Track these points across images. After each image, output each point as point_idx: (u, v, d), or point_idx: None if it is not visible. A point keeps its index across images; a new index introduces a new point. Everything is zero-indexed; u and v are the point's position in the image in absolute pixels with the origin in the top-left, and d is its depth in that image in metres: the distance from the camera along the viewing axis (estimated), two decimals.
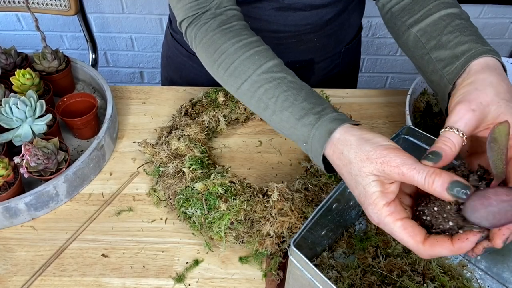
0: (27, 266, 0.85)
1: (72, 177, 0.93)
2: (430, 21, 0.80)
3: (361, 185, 0.61)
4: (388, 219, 0.58)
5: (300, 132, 0.71)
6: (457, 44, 0.74)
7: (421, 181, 0.55)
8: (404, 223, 0.57)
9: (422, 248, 0.56)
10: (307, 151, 0.71)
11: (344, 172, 0.64)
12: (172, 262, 0.86)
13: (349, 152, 0.63)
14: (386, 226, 0.58)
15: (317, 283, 0.62)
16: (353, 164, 0.62)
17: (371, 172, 0.60)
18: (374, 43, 2.36)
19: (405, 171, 0.57)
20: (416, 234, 0.57)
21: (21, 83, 1.03)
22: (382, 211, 0.58)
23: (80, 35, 2.36)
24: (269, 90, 0.75)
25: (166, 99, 1.17)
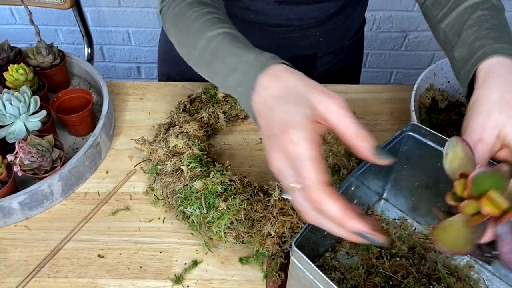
0: (21, 267, 0.85)
1: (67, 175, 0.93)
2: (456, 14, 0.80)
3: (293, 103, 0.59)
4: (308, 144, 0.55)
5: (238, 72, 0.69)
6: (474, 40, 0.73)
7: (353, 131, 0.56)
8: (318, 156, 0.55)
9: (322, 188, 0.54)
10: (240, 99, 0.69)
11: (276, 90, 0.62)
12: (170, 263, 0.86)
13: (293, 77, 0.62)
14: (300, 147, 0.55)
15: (319, 285, 0.62)
16: (296, 86, 0.61)
17: (311, 99, 0.58)
18: (378, 38, 2.36)
19: (346, 115, 0.57)
20: (324, 172, 0.55)
21: (14, 78, 1.02)
22: (308, 133, 0.56)
23: (75, 29, 2.36)
24: (220, 41, 0.74)
25: (164, 95, 1.17)
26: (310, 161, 0.55)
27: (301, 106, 0.58)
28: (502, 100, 0.63)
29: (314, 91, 0.59)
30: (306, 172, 0.54)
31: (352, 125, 0.57)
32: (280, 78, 0.63)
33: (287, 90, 0.61)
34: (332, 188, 0.54)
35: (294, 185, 0.56)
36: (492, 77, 0.66)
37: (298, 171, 0.56)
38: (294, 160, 0.56)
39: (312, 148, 0.55)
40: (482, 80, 0.67)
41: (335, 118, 0.58)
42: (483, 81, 0.67)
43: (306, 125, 0.57)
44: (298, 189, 0.56)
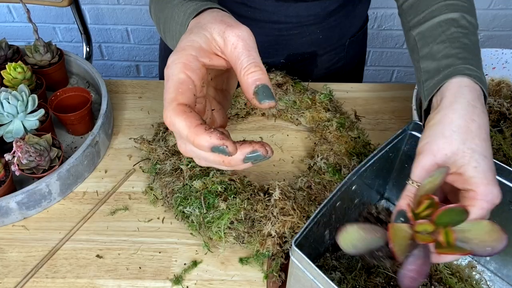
0: (19, 267, 0.85)
1: (66, 174, 0.93)
2: (428, 25, 0.80)
3: (192, 33, 0.55)
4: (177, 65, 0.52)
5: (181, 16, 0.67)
6: (443, 56, 0.74)
7: (243, 64, 0.52)
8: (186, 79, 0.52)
9: (171, 107, 0.50)
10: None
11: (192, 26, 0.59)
12: (169, 263, 0.86)
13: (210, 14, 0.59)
14: (169, 69, 0.52)
15: (319, 285, 0.62)
16: (204, 19, 0.58)
17: (212, 29, 0.55)
18: (380, 35, 2.36)
19: (240, 46, 0.53)
20: (182, 94, 0.51)
21: (12, 77, 1.02)
22: (184, 57, 0.53)
23: (73, 27, 2.36)
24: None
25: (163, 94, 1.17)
26: (171, 82, 0.52)
27: (194, 34, 0.55)
28: (467, 129, 0.63)
29: (217, 22, 0.55)
30: (165, 92, 0.52)
31: (243, 57, 0.52)
32: (199, 19, 0.60)
33: (196, 23, 0.59)
34: (184, 108, 0.50)
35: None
36: (461, 101, 0.65)
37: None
38: (165, 83, 0.53)
39: (180, 71, 0.52)
40: (449, 101, 0.66)
41: (229, 49, 0.53)
42: (450, 103, 0.66)
43: (186, 49, 0.53)
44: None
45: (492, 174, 0.61)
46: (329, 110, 1.04)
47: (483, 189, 0.59)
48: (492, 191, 0.60)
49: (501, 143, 0.92)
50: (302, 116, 1.06)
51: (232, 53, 0.53)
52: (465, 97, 0.65)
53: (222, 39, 0.54)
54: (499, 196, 0.60)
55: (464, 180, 0.61)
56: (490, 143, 0.64)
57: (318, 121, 1.04)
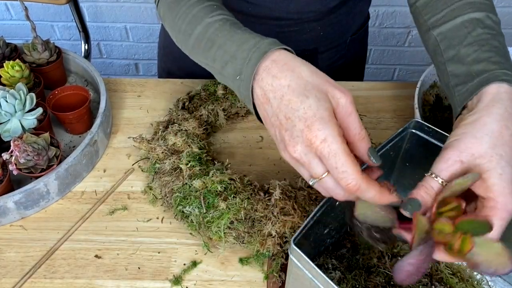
0: (17, 268, 0.85)
1: (64, 174, 0.93)
2: (451, 26, 0.78)
3: (315, 97, 0.61)
4: (338, 139, 0.59)
5: (238, 60, 0.70)
6: (474, 61, 0.72)
7: (357, 130, 0.62)
8: (349, 149, 0.60)
9: (360, 180, 0.58)
10: (238, 87, 0.71)
11: (289, 80, 0.64)
12: (169, 263, 0.86)
13: (305, 67, 0.65)
14: (332, 144, 0.58)
15: (319, 284, 0.62)
16: (311, 78, 0.63)
17: (327, 92, 0.62)
18: (381, 33, 2.36)
19: (354, 114, 0.62)
20: (356, 163, 0.59)
21: (10, 75, 1.02)
22: (335, 128, 0.59)
23: (72, 25, 2.36)
24: (218, 28, 0.75)
25: (163, 92, 1.17)
26: (345, 157, 0.58)
27: (323, 101, 0.61)
28: (500, 134, 0.61)
29: (330, 85, 0.62)
30: (343, 166, 0.58)
31: (357, 125, 0.62)
32: (289, 67, 0.65)
33: (303, 82, 0.63)
34: (366, 175, 0.59)
35: (324, 174, 0.61)
36: (498, 106, 0.64)
37: (333, 166, 0.59)
38: (324, 155, 0.59)
39: (342, 143, 0.58)
40: (486, 105, 0.65)
41: (343, 115, 0.62)
42: (486, 107, 0.65)
43: (332, 120, 0.60)
44: (327, 178, 0.61)
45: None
46: None
47: (503, 199, 0.58)
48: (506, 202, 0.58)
49: None
50: None
51: (346, 119, 0.62)
52: (503, 103, 0.64)
53: (336, 103, 0.62)
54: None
55: (486, 186, 0.59)
56: None
57: None
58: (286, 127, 0.61)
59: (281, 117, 0.62)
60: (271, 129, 0.65)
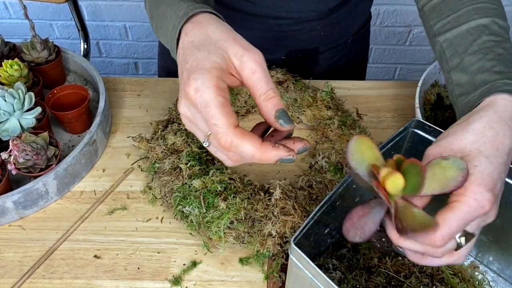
0: (15, 268, 0.85)
1: (63, 173, 0.93)
2: (457, 33, 0.77)
3: (206, 50, 0.59)
4: (212, 89, 0.56)
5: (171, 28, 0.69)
6: (478, 70, 0.72)
7: (263, 89, 0.57)
8: (224, 101, 0.56)
9: (231, 132, 0.55)
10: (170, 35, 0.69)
11: (195, 37, 0.62)
12: (168, 263, 0.86)
13: (216, 26, 0.62)
14: (204, 94, 0.56)
15: (319, 284, 0.62)
16: (214, 34, 0.61)
17: (228, 49, 0.59)
18: (382, 32, 2.36)
19: (259, 72, 0.58)
20: (231, 115, 0.56)
21: (8, 74, 1.02)
22: (212, 79, 0.56)
23: (71, 24, 2.36)
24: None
25: (162, 91, 1.17)
26: (215, 107, 0.55)
27: (213, 55, 0.58)
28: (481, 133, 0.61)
29: (233, 43, 0.59)
30: (213, 118, 0.55)
31: (262, 83, 0.58)
32: (202, 25, 0.63)
33: (205, 37, 0.61)
34: (240, 129, 0.56)
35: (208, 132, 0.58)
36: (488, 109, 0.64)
37: (205, 118, 0.56)
38: (199, 107, 0.56)
39: (216, 94, 0.56)
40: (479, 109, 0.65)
41: (247, 73, 0.58)
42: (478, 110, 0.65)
43: (211, 71, 0.57)
44: (210, 136, 0.58)
45: (492, 182, 0.57)
46: (331, 108, 1.04)
47: (474, 188, 0.55)
48: (483, 195, 0.55)
49: None
50: (303, 114, 1.06)
51: (250, 78, 0.58)
52: (495, 107, 0.64)
53: (239, 62, 0.58)
54: (489, 205, 0.55)
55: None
56: (507, 160, 0.60)
57: (320, 119, 1.04)
58: (179, 81, 0.60)
59: (179, 73, 0.62)
60: None
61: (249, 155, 0.55)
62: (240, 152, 0.56)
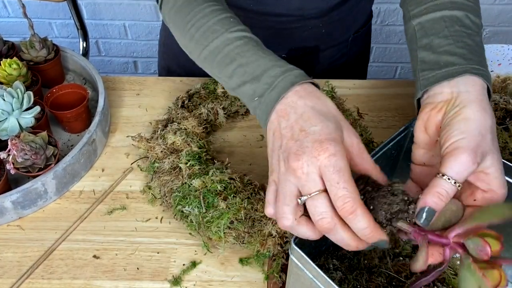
0: (14, 268, 0.85)
1: (62, 173, 0.93)
2: (431, 17, 0.79)
3: (334, 123, 0.63)
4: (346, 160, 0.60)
5: (261, 84, 0.71)
6: (445, 52, 0.73)
7: (372, 164, 0.65)
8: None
9: (358, 201, 0.58)
10: (255, 108, 0.72)
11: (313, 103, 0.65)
12: (168, 264, 0.86)
13: (330, 100, 0.67)
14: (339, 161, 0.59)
15: (319, 284, 0.62)
16: (333, 109, 0.66)
17: (343, 128, 0.64)
18: (383, 31, 2.36)
19: (366, 151, 0.65)
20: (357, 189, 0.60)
21: (7, 73, 1.02)
22: (344, 152, 0.61)
23: (70, 23, 2.36)
24: (240, 46, 0.76)
25: (162, 91, 1.17)
26: (349, 175, 0.59)
27: (339, 130, 0.63)
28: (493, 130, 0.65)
29: (345, 121, 0.65)
30: (345, 183, 0.58)
31: (370, 161, 0.65)
32: (317, 95, 0.67)
33: (327, 109, 0.65)
34: (362, 203, 0.59)
35: (317, 191, 0.60)
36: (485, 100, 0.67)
37: (334, 181, 0.58)
38: (330, 170, 0.58)
39: (348, 164, 0.60)
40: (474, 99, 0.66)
41: (357, 152, 0.64)
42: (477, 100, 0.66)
43: (342, 146, 0.61)
44: (322, 195, 0.59)
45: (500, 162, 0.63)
46: None
47: (502, 192, 0.63)
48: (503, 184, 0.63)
49: (507, 141, 0.92)
50: None
51: (361, 156, 0.65)
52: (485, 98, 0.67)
53: (350, 141, 0.64)
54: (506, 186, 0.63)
55: (489, 180, 0.62)
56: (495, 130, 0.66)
57: None
58: (297, 138, 0.62)
59: (296, 129, 0.63)
60: (277, 141, 0.65)
61: (360, 226, 0.58)
62: (353, 220, 0.58)
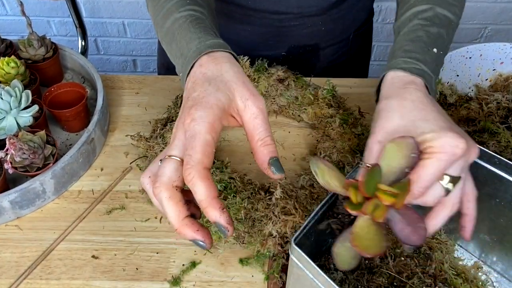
0: (12, 269, 0.86)
1: (60, 172, 0.93)
2: (402, 19, 0.82)
3: (215, 86, 0.62)
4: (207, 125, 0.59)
5: (183, 57, 0.72)
6: (395, 50, 0.77)
7: (261, 135, 0.62)
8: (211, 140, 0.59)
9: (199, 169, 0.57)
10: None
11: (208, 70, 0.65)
12: (167, 264, 0.86)
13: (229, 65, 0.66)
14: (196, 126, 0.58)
15: (320, 284, 0.62)
16: (227, 73, 0.65)
17: (235, 91, 0.63)
18: (385, 29, 2.35)
19: (260, 118, 0.62)
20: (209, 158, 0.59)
21: (5, 72, 1.03)
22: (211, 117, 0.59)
23: (68, 21, 2.36)
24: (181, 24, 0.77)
25: (161, 89, 1.17)
26: (198, 141, 0.57)
27: (220, 92, 0.62)
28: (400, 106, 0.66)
29: (241, 85, 0.63)
30: (191, 150, 0.57)
31: (262, 129, 0.62)
32: (217, 62, 0.66)
33: (218, 74, 0.65)
34: (208, 173, 0.57)
35: (174, 157, 0.59)
36: (392, 89, 0.70)
37: (185, 147, 0.59)
38: (187, 135, 0.59)
39: (207, 131, 0.58)
40: (381, 99, 0.71)
41: (248, 117, 0.62)
42: (381, 100, 0.70)
43: (213, 108, 0.60)
44: (171, 160, 0.59)
45: (448, 127, 0.62)
46: (332, 106, 1.04)
47: (439, 142, 0.60)
48: (449, 142, 0.59)
49: (509, 140, 0.92)
50: (304, 113, 1.06)
51: (251, 122, 0.62)
52: (395, 86, 0.70)
53: (243, 105, 0.62)
54: (460, 150, 0.59)
55: (422, 142, 0.61)
56: (434, 109, 0.65)
57: (321, 117, 1.04)
58: (183, 105, 0.63)
59: (185, 98, 0.64)
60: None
61: (197, 198, 0.57)
62: (195, 192, 0.57)
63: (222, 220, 0.57)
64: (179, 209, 0.58)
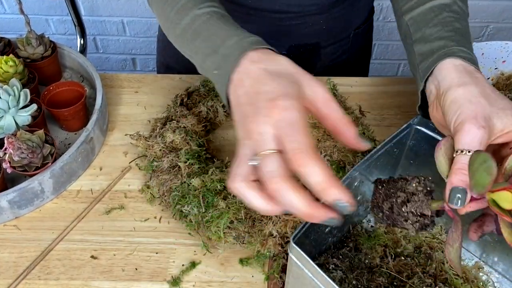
0: (10, 269, 0.86)
1: (59, 172, 0.93)
2: (420, 10, 0.81)
3: (287, 79, 0.62)
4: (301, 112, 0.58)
5: (219, 55, 0.71)
6: (436, 38, 0.76)
7: (341, 115, 0.61)
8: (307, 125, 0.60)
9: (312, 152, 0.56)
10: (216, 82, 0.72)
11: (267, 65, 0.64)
12: (167, 264, 0.86)
13: (284, 59, 0.66)
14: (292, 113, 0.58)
15: (319, 283, 0.62)
16: (288, 66, 0.64)
17: (302, 81, 0.62)
18: (385, 28, 2.35)
19: (334, 101, 0.62)
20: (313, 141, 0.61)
21: (3, 70, 1.03)
22: (299, 105, 0.59)
23: (67, 19, 2.36)
24: (205, 21, 0.77)
25: (161, 88, 1.17)
26: (302, 126, 0.57)
27: (293, 83, 0.61)
28: (485, 93, 0.65)
29: (305, 76, 0.63)
30: (296, 135, 0.56)
31: (339, 110, 0.61)
32: (271, 57, 0.66)
33: (280, 67, 0.64)
34: (319, 154, 0.58)
35: (271, 150, 0.57)
36: (464, 74, 0.68)
37: (282, 136, 0.56)
38: (282, 125, 0.57)
39: (303, 117, 0.57)
40: (455, 77, 0.69)
41: (322, 103, 0.61)
42: (458, 78, 0.68)
43: (298, 98, 0.59)
44: (274, 154, 0.57)
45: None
46: None
47: None
48: None
49: None
50: None
51: (327, 106, 0.61)
52: (464, 73, 0.69)
53: (313, 93, 0.62)
54: None
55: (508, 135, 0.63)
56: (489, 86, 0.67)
57: None
58: (252, 102, 0.61)
59: (251, 93, 0.62)
60: (238, 109, 0.64)
61: (315, 180, 0.55)
62: (307, 174, 0.55)
63: (345, 196, 0.54)
64: (306, 194, 0.56)
